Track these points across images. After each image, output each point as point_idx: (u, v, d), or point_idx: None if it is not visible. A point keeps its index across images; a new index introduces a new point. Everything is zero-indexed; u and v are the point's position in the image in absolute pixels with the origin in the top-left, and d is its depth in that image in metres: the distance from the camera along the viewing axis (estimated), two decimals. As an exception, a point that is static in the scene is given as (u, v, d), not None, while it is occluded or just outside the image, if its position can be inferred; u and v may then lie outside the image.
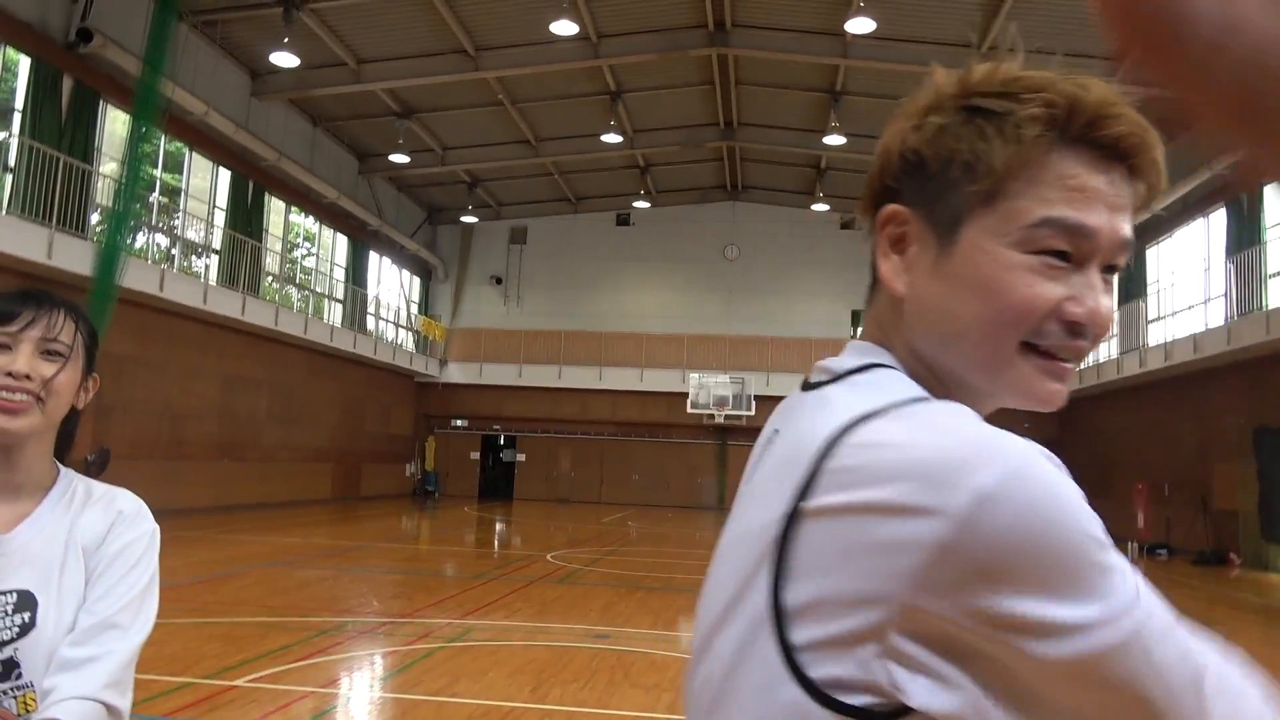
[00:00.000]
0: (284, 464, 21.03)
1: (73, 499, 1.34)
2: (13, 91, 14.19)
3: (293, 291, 22.35)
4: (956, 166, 0.72)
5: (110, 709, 1.21)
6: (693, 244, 28.59)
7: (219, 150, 18.58)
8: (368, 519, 18.76)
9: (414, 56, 18.71)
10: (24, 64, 14.14)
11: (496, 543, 16.30)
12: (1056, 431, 26.25)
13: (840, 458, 0.66)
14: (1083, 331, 0.72)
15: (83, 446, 9.23)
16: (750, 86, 20.97)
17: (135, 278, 14.64)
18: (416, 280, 29.08)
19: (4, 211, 13.17)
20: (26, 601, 1.25)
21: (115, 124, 16.17)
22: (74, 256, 13.65)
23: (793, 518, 0.66)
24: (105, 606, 1.27)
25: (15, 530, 1.29)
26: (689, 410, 26.12)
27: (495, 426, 29.38)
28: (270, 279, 20.85)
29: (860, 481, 0.64)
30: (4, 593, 1.25)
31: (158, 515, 1.41)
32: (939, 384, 0.76)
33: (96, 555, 1.31)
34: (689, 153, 24.81)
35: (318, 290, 23.42)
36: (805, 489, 0.66)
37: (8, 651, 1.22)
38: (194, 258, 18.71)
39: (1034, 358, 0.73)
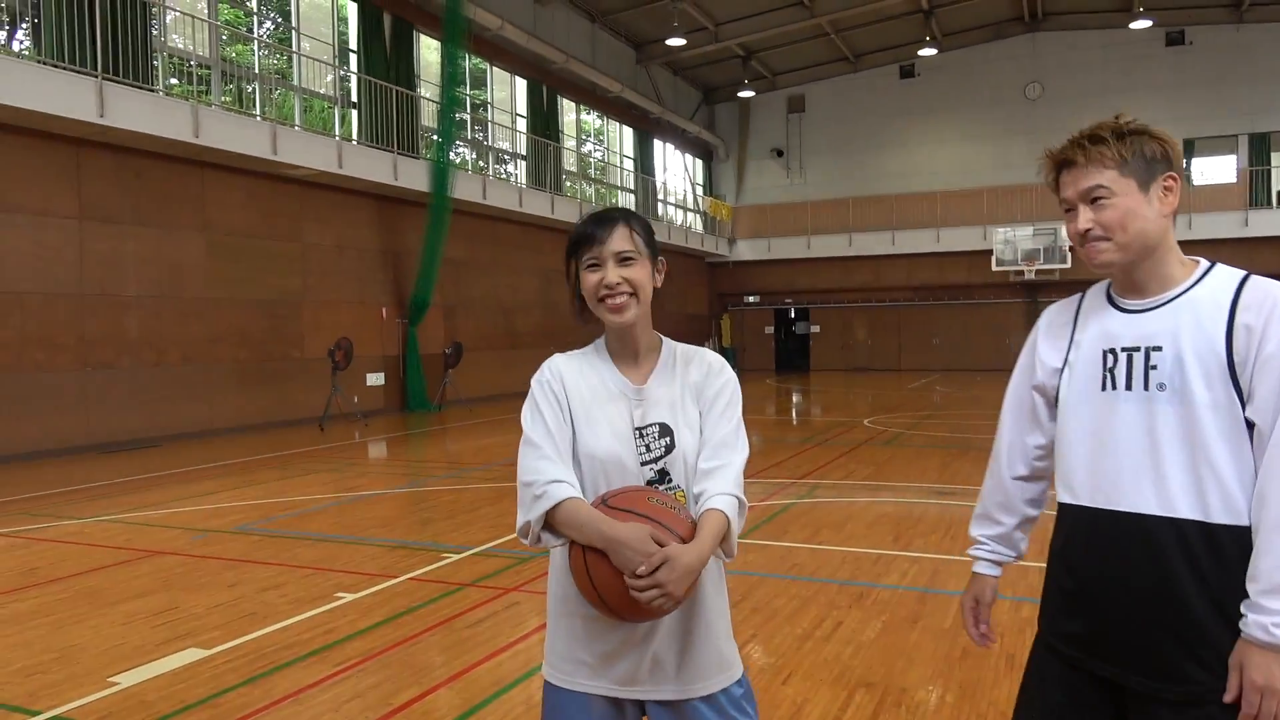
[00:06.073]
0: (599, 349, 22.74)
1: (675, 359, 1.76)
2: (345, 35, 15.95)
3: (588, 187, 23.61)
4: None
5: (739, 501, 1.64)
6: (988, 88, 26.31)
7: (514, 60, 19.78)
8: (680, 395, 19.92)
9: (684, -68, 18.52)
10: (352, 9, 15.78)
11: (810, 411, 16.73)
12: None
13: None
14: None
15: (437, 341, 10.92)
16: (1052, -104, 18.56)
17: (462, 189, 16.25)
18: (699, 163, 29.49)
19: (356, 142, 15.04)
20: (665, 430, 1.69)
21: (428, 51, 17.69)
22: (415, 176, 15.38)
23: None
24: (721, 432, 1.69)
25: (648, 383, 1.73)
26: (994, 269, 24.64)
27: (787, 300, 29.60)
28: (565, 178, 22.15)
29: None
30: (651, 425, 1.69)
31: (504, 399, 1.85)
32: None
33: (703, 396, 1.72)
34: (980, -15, 22.64)
35: (611, 183, 24.55)
36: None
37: (662, 464, 1.68)
38: (505, 165, 20.29)
39: None
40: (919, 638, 4.02)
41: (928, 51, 25.88)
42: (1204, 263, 1.64)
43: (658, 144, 26.56)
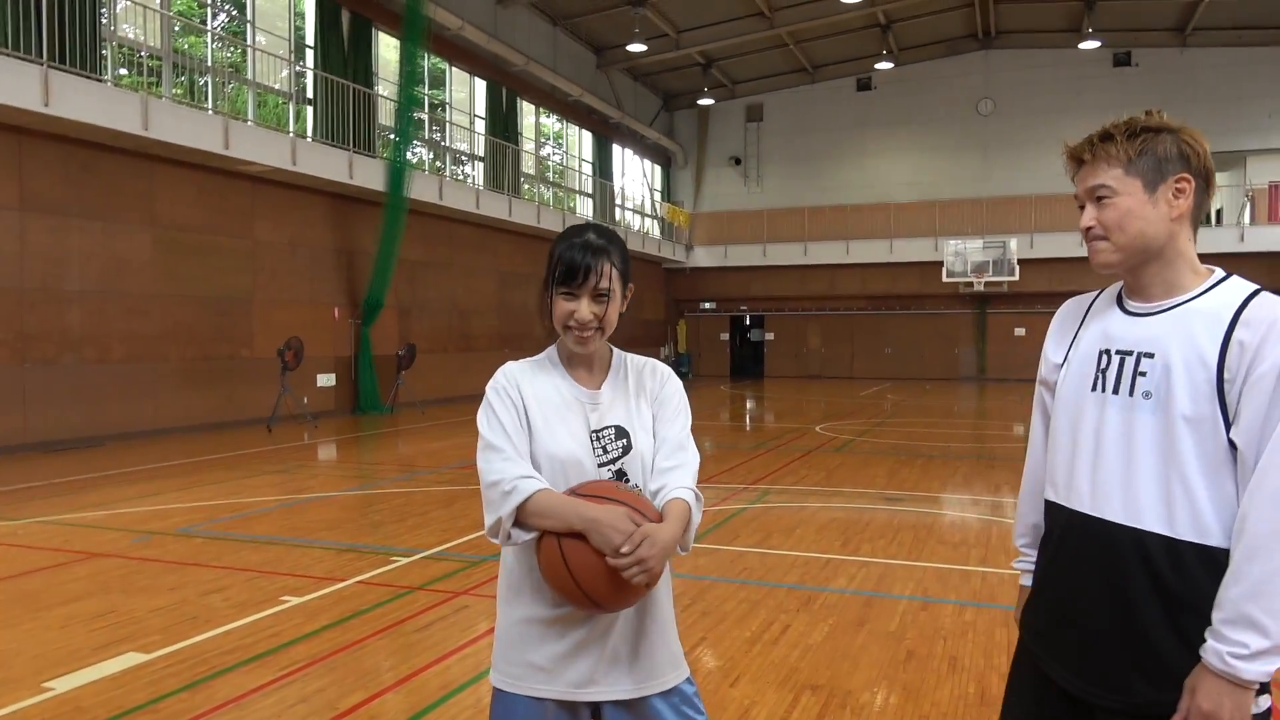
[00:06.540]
0: (554, 353, 22.68)
1: (626, 367, 1.84)
2: (302, 31, 15.72)
3: (545, 190, 23.55)
4: None
5: (697, 495, 1.72)
6: (941, 102, 26.82)
7: (474, 62, 19.68)
8: (635, 400, 19.93)
9: (646, -60, 18.58)
10: (309, 4, 15.56)
11: (764, 417, 16.86)
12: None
13: None
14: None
15: (390, 343, 10.90)
16: (1005, -83, 18.99)
17: (418, 189, 16.09)
18: (657, 169, 29.59)
19: (310, 139, 14.83)
20: (621, 433, 1.76)
21: (387, 49, 17.52)
22: (370, 175, 15.20)
23: None
24: (675, 434, 1.78)
25: (601, 388, 1.80)
26: (944, 280, 25.09)
27: (742, 307, 29.81)
28: (523, 181, 22.07)
29: None
30: (607, 428, 1.74)
31: (458, 402, 1.88)
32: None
33: (657, 400, 1.80)
34: (935, 1, 23.04)
35: (569, 187, 24.52)
36: None
37: (619, 465, 1.73)
38: (462, 166, 20.16)
39: None
40: (865, 641, 4.08)
41: (884, 65, 26.30)
42: (1219, 273, 1.57)
43: (616, 149, 26.60)
